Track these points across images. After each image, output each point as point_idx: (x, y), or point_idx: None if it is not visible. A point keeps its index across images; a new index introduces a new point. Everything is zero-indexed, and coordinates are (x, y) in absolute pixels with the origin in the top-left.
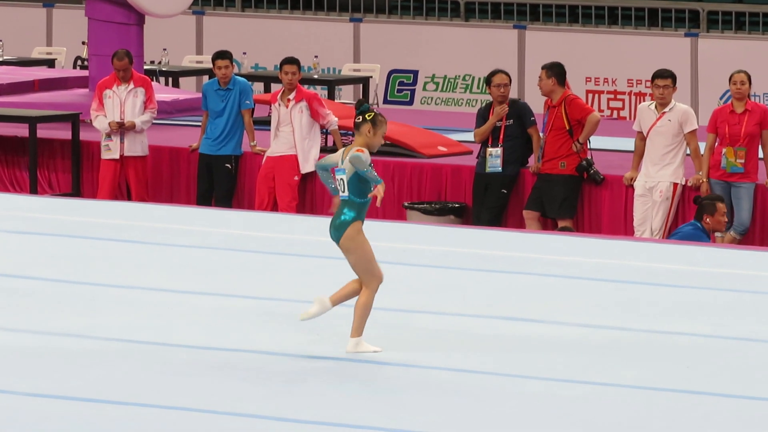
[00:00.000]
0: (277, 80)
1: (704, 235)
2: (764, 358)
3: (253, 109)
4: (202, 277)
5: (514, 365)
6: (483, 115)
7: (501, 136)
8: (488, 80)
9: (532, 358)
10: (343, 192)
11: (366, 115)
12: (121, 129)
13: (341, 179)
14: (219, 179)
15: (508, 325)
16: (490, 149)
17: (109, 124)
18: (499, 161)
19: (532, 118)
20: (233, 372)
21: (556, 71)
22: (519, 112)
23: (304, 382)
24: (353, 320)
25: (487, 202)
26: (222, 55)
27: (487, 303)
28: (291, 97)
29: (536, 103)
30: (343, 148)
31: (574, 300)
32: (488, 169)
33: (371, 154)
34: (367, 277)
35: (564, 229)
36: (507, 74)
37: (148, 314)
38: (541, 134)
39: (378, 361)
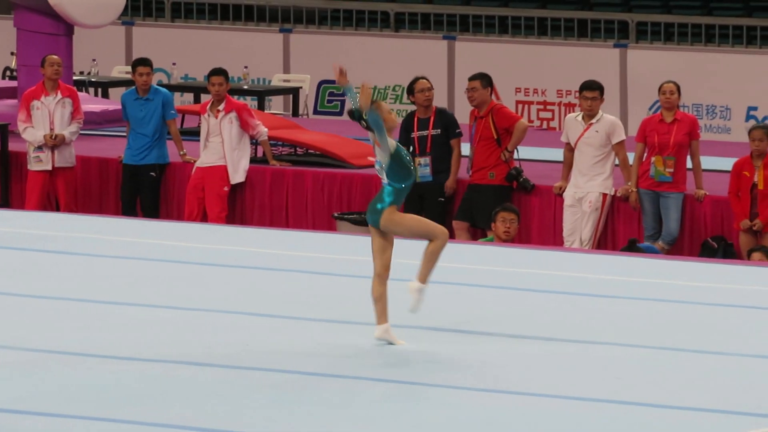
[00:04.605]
0: (207, 91)
1: None
2: (695, 368)
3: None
4: (130, 288)
5: (442, 375)
6: (406, 127)
7: (428, 145)
8: (410, 89)
9: (456, 369)
10: (384, 180)
11: (365, 116)
12: (55, 142)
13: (379, 169)
14: (144, 189)
15: (429, 335)
16: (418, 158)
17: (45, 137)
18: (428, 170)
19: (458, 131)
20: (163, 383)
21: (489, 81)
22: (446, 122)
23: (231, 391)
24: (420, 265)
25: (428, 216)
26: (143, 61)
27: (419, 313)
28: (220, 107)
29: (466, 114)
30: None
31: (501, 310)
32: (419, 179)
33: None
34: (430, 236)
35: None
36: (428, 80)
37: (76, 325)
38: (463, 145)
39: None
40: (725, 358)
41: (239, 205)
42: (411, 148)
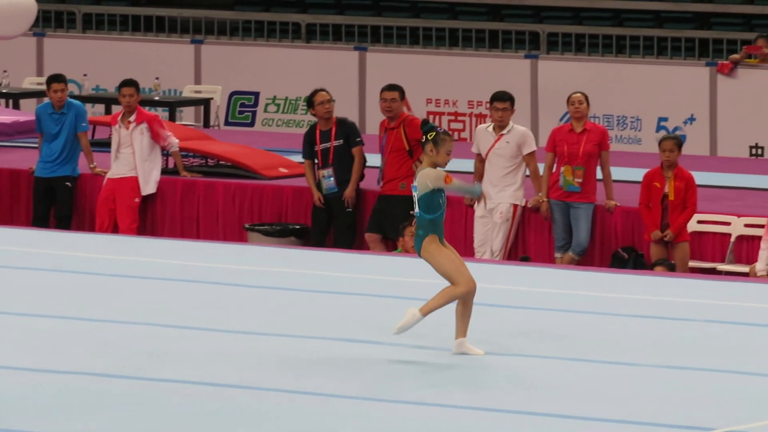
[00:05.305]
0: (118, 102)
1: None
2: (603, 379)
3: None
4: (40, 300)
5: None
6: (309, 140)
7: (331, 156)
8: (310, 101)
9: (369, 377)
10: (415, 209)
11: (428, 135)
12: None
13: (414, 196)
14: (58, 201)
15: (363, 347)
16: (321, 171)
17: None
18: (332, 181)
19: (358, 139)
20: (73, 395)
21: (403, 92)
22: (347, 131)
23: (150, 403)
24: (431, 298)
25: (338, 227)
26: (58, 78)
27: (337, 324)
28: (131, 119)
29: (376, 124)
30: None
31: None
32: (325, 191)
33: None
34: (452, 281)
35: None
36: (327, 91)
37: None
38: (372, 156)
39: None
40: (633, 369)
41: (150, 217)
42: (315, 161)
